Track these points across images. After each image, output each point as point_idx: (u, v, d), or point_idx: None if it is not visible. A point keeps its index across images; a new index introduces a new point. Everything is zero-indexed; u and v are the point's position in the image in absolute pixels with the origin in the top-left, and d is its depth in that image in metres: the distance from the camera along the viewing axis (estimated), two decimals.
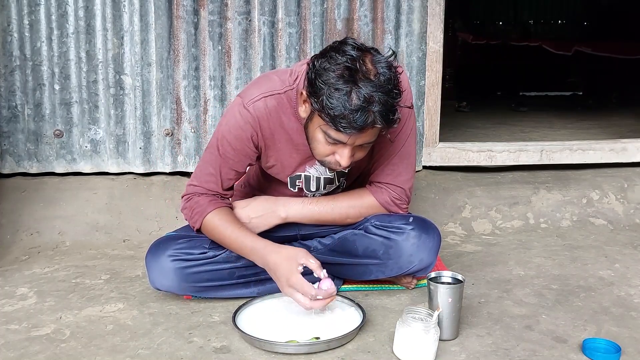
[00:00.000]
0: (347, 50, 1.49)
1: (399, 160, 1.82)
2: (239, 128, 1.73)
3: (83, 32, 2.59)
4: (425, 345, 1.49)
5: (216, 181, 1.80)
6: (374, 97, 1.45)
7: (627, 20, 7.12)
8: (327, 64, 1.48)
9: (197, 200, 1.80)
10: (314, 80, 1.50)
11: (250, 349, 1.57)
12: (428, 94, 2.81)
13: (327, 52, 1.52)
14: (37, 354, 1.55)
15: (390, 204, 1.86)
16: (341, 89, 1.45)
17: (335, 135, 1.52)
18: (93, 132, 2.67)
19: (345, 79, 1.45)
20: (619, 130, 3.99)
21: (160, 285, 1.81)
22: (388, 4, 2.72)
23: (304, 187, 1.88)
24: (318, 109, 1.50)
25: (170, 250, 1.80)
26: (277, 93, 1.71)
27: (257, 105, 1.71)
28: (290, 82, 1.71)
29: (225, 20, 2.65)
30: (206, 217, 1.78)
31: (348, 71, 1.46)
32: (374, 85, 1.46)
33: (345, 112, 1.45)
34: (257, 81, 1.79)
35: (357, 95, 1.45)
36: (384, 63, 1.50)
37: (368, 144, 1.58)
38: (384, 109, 1.47)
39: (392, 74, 1.50)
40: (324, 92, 1.47)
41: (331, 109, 1.46)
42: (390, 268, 1.83)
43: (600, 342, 1.57)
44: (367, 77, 1.46)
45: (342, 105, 1.45)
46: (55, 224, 2.49)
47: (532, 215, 2.73)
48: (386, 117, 1.48)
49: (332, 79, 1.46)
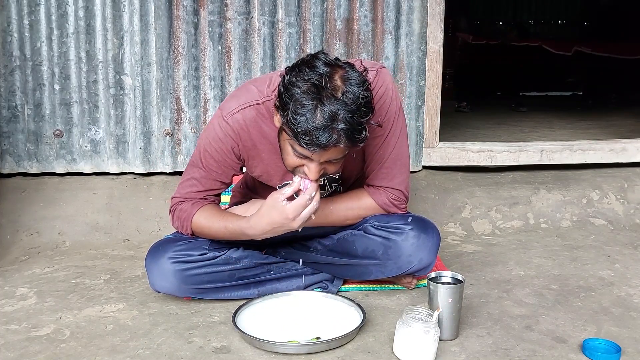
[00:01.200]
0: (317, 65, 1.46)
1: (392, 163, 1.81)
2: (219, 140, 1.73)
3: (83, 32, 2.59)
4: (425, 345, 1.49)
5: (198, 191, 1.81)
6: (338, 115, 1.43)
7: (627, 20, 7.13)
8: (295, 79, 1.46)
9: (181, 208, 1.82)
10: (281, 94, 1.49)
11: (250, 349, 1.57)
12: (428, 94, 2.81)
13: (298, 65, 1.49)
14: (37, 354, 1.55)
15: (389, 205, 1.86)
16: (306, 105, 1.43)
17: (300, 150, 1.51)
18: (93, 132, 2.67)
19: (311, 96, 1.43)
20: (619, 130, 3.99)
21: (160, 287, 1.81)
22: (388, 4, 2.72)
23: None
24: (284, 123, 1.49)
25: (170, 252, 1.79)
26: (255, 103, 1.70)
27: (235, 118, 1.70)
28: (268, 92, 1.69)
29: (225, 20, 2.65)
30: (192, 220, 1.79)
31: (314, 88, 1.43)
32: (339, 103, 1.43)
33: (308, 129, 1.42)
34: (235, 93, 1.78)
35: (322, 113, 1.42)
36: (355, 80, 1.46)
37: (337, 160, 1.57)
38: (349, 127, 1.44)
39: (361, 91, 1.45)
40: (289, 107, 1.45)
41: (294, 125, 1.44)
42: (390, 268, 1.83)
43: (600, 342, 1.57)
44: (334, 95, 1.43)
45: (306, 122, 1.42)
46: (55, 224, 2.49)
47: (532, 215, 2.73)
48: (351, 136, 1.45)
49: (298, 95, 1.44)
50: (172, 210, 1.85)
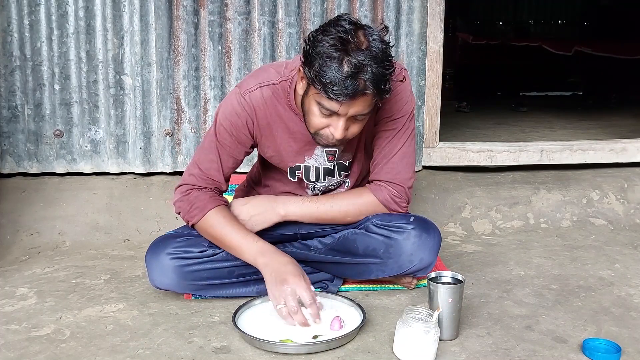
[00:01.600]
0: (341, 23, 1.53)
1: (399, 159, 1.83)
2: (235, 114, 1.77)
3: (83, 32, 2.59)
4: (425, 345, 1.49)
5: (218, 168, 1.82)
6: (365, 66, 1.49)
7: (627, 20, 7.12)
8: (322, 36, 1.53)
9: (198, 195, 1.81)
10: (308, 51, 1.55)
11: (250, 349, 1.57)
12: (428, 94, 2.81)
13: (322, 26, 1.57)
14: (37, 354, 1.55)
15: (389, 201, 1.86)
16: (333, 57, 1.49)
17: (327, 104, 1.54)
18: (93, 132, 2.67)
19: (338, 48, 1.49)
20: (619, 130, 3.99)
21: (160, 284, 1.81)
22: (388, 4, 2.72)
23: (304, 177, 1.89)
24: (311, 78, 1.53)
25: (170, 248, 1.80)
26: (272, 83, 1.76)
27: (253, 95, 1.76)
28: (285, 73, 1.76)
29: (225, 20, 2.65)
30: (207, 214, 1.79)
31: (340, 41, 1.50)
32: (365, 55, 1.49)
33: (336, 79, 1.48)
34: (254, 73, 1.84)
35: (349, 63, 1.48)
36: (377, 36, 1.54)
37: (362, 115, 1.59)
38: (375, 77, 1.50)
39: (384, 46, 1.53)
40: (316, 61, 1.51)
41: (323, 77, 1.49)
42: (391, 267, 1.83)
43: (600, 342, 1.57)
44: (359, 48, 1.50)
45: (334, 72, 1.48)
46: (55, 224, 2.49)
47: (532, 215, 2.73)
48: (377, 85, 1.51)
49: (325, 49, 1.50)
50: (187, 191, 1.83)
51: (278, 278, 1.67)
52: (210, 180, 1.82)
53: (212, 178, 1.82)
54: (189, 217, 1.82)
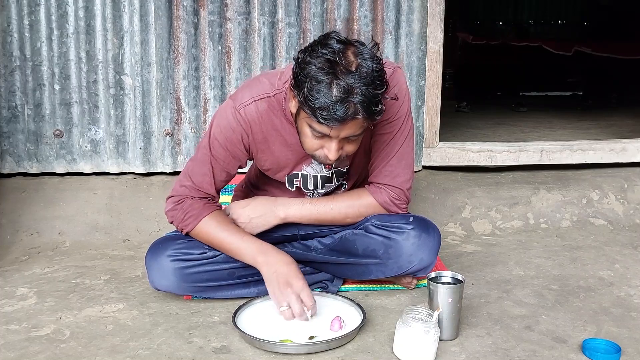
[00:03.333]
0: (329, 43, 1.50)
1: (397, 161, 1.82)
2: (230, 129, 1.75)
3: (83, 32, 2.59)
4: (425, 345, 1.49)
5: (210, 182, 1.80)
6: (354, 89, 1.46)
7: (627, 20, 7.12)
8: (309, 57, 1.49)
9: (192, 204, 1.81)
10: (297, 74, 1.52)
11: (250, 349, 1.57)
12: (428, 94, 2.81)
13: (311, 46, 1.53)
14: (37, 354, 1.55)
15: (389, 204, 1.86)
16: (322, 81, 1.46)
17: (318, 127, 1.53)
18: (93, 132, 2.67)
19: (326, 71, 1.46)
20: (619, 130, 3.99)
21: (160, 286, 1.81)
22: (388, 4, 2.72)
23: (302, 185, 1.89)
24: (301, 102, 1.51)
25: (170, 250, 1.80)
26: (267, 96, 1.73)
27: (248, 109, 1.73)
28: (279, 85, 1.73)
29: (225, 20, 2.65)
30: (202, 221, 1.78)
31: (329, 63, 1.46)
32: (354, 76, 1.46)
33: (325, 104, 1.45)
34: (248, 84, 1.80)
35: (338, 87, 1.45)
36: (367, 55, 1.50)
37: (355, 136, 1.58)
38: (365, 100, 1.47)
39: (374, 65, 1.49)
40: (305, 85, 1.48)
41: (312, 101, 1.47)
42: (390, 268, 1.83)
43: (600, 343, 1.57)
44: (348, 69, 1.46)
45: (323, 97, 1.45)
46: (55, 224, 2.49)
47: (532, 215, 2.73)
48: (368, 108, 1.48)
49: (313, 72, 1.47)
50: (179, 200, 1.83)
51: (281, 279, 1.67)
52: (203, 192, 1.82)
53: (204, 191, 1.81)
54: (183, 225, 1.81)
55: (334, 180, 1.90)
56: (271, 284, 1.69)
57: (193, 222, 1.79)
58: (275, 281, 1.68)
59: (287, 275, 1.68)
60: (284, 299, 1.66)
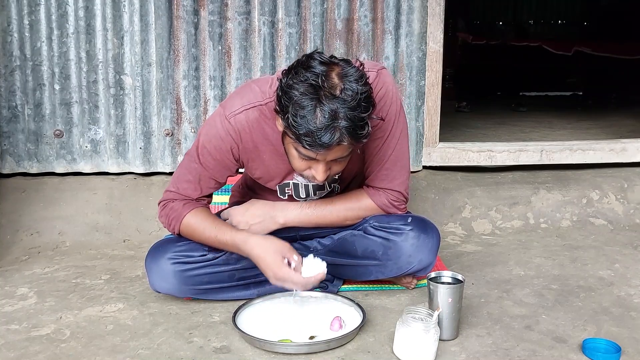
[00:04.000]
0: (312, 65, 1.45)
1: (392, 164, 1.80)
2: (220, 139, 1.72)
3: (83, 32, 2.59)
4: (425, 345, 1.49)
5: (194, 188, 1.79)
6: (339, 114, 1.42)
7: (627, 20, 7.12)
8: (292, 81, 1.45)
9: (172, 206, 1.80)
10: (280, 98, 1.48)
11: (250, 349, 1.57)
12: (428, 94, 2.81)
13: (294, 67, 1.49)
14: (37, 354, 1.55)
15: (388, 206, 1.86)
16: (305, 107, 1.42)
17: (304, 152, 1.51)
18: (93, 132, 2.67)
19: (310, 97, 1.42)
20: (619, 130, 3.99)
21: (160, 288, 1.81)
22: (388, 4, 2.72)
23: (294, 194, 1.88)
24: (285, 126, 1.49)
25: (170, 252, 1.79)
26: (258, 104, 1.69)
27: (238, 118, 1.70)
28: (270, 93, 1.68)
29: (225, 20, 2.65)
30: (183, 221, 1.78)
31: (312, 88, 1.42)
32: (339, 101, 1.42)
33: (310, 131, 1.42)
34: (239, 92, 1.77)
35: (322, 113, 1.41)
36: (352, 76, 1.45)
37: (342, 158, 1.57)
38: (351, 124, 1.43)
39: (359, 87, 1.44)
40: (289, 110, 1.44)
41: (296, 128, 1.43)
42: (390, 269, 1.83)
43: (600, 342, 1.57)
44: (332, 94, 1.42)
45: (307, 123, 1.42)
46: (55, 224, 2.49)
47: (532, 215, 2.73)
48: (353, 133, 1.45)
49: (296, 97, 1.43)
50: (163, 204, 1.84)
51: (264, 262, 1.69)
52: (186, 197, 1.81)
53: (188, 197, 1.81)
54: (171, 229, 1.82)
55: (326, 187, 1.89)
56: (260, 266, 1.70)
57: (176, 223, 1.80)
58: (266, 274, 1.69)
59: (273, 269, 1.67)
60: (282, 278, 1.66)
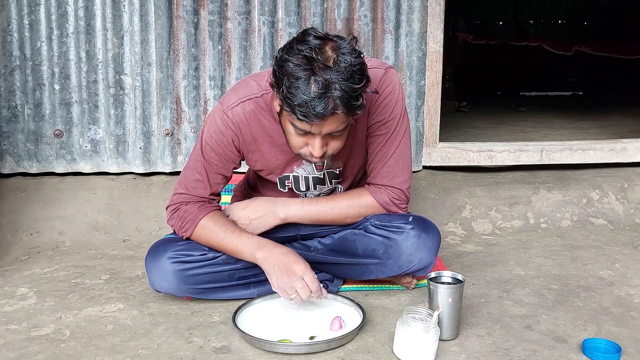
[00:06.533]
0: (307, 39, 1.49)
1: (395, 162, 1.82)
2: (220, 133, 1.75)
3: (83, 32, 2.59)
4: (425, 345, 1.49)
5: (204, 187, 1.81)
6: (332, 84, 1.45)
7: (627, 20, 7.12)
8: (287, 55, 1.49)
9: (187, 209, 1.81)
10: (275, 72, 1.52)
11: (250, 349, 1.57)
12: (428, 94, 2.81)
13: (289, 43, 1.53)
14: (37, 354, 1.55)
15: (389, 204, 1.86)
16: (299, 78, 1.45)
17: (299, 125, 1.53)
18: (93, 132, 2.67)
19: (303, 68, 1.46)
20: (619, 130, 3.99)
21: (160, 287, 1.81)
22: (388, 4, 2.72)
23: (294, 187, 1.88)
24: (281, 99, 1.51)
25: (170, 252, 1.79)
26: (254, 96, 1.73)
27: (235, 111, 1.73)
28: (266, 85, 1.71)
29: (225, 20, 2.65)
30: (199, 224, 1.79)
31: (306, 60, 1.46)
32: (332, 72, 1.45)
33: (304, 101, 1.45)
34: (235, 87, 1.81)
35: (316, 83, 1.45)
36: (345, 49, 1.49)
37: (338, 132, 1.57)
38: (345, 94, 1.46)
39: (353, 59, 1.48)
40: (284, 83, 1.48)
41: (291, 99, 1.47)
42: (390, 267, 1.83)
43: (600, 342, 1.57)
44: (326, 65, 1.46)
45: (301, 93, 1.45)
46: (55, 224, 2.49)
47: (532, 215, 2.73)
48: (347, 103, 1.47)
49: (291, 69, 1.47)
50: (174, 208, 1.84)
51: (282, 269, 1.67)
52: (197, 197, 1.82)
53: (200, 196, 1.82)
54: (183, 231, 1.82)
55: (327, 182, 1.90)
56: (273, 277, 1.69)
57: (191, 226, 1.80)
58: (277, 273, 1.68)
59: (287, 264, 1.68)
60: (289, 287, 1.65)
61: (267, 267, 1.71)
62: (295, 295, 1.65)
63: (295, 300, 1.66)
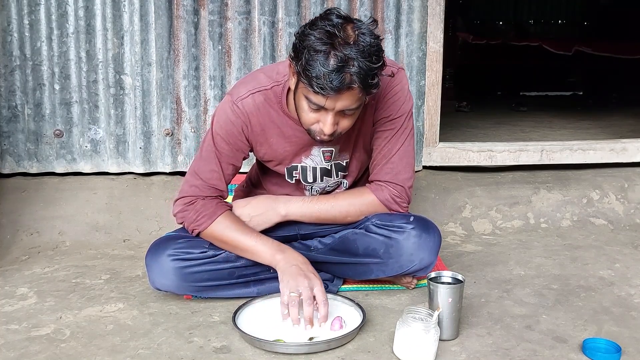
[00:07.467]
0: (330, 17, 1.53)
1: (399, 159, 1.83)
2: (230, 123, 1.77)
3: (83, 32, 2.59)
4: (425, 345, 1.49)
5: (219, 177, 1.82)
6: (351, 60, 1.48)
7: (627, 20, 7.12)
8: (309, 30, 1.53)
9: (204, 204, 1.81)
10: (296, 45, 1.55)
11: (250, 349, 1.57)
12: (428, 94, 2.81)
13: (312, 20, 1.57)
14: (37, 354, 1.55)
15: (390, 201, 1.86)
16: (319, 51, 1.49)
17: (314, 98, 1.54)
18: (93, 132, 2.67)
19: (324, 42, 1.49)
20: (619, 130, 3.99)
21: (160, 285, 1.81)
22: (388, 4, 2.72)
23: (301, 178, 1.89)
24: (298, 72, 1.54)
25: (170, 249, 1.80)
26: (264, 89, 1.76)
27: (245, 102, 1.76)
28: (277, 78, 1.76)
29: (225, 20, 2.65)
30: (217, 219, 1.79)
31: (327, 35, 1.50)
32: (352, 48, 1.49)
33: (322, 73, 1.48)
34: (244, 80, 1.83)
35: (335, 57, 1.48)
36: (366, 30, 1.53)
37: (351, 110, 1.59)
38: (362, 71, 1.49)
39: (372, 40, 1.52)
40: (303, 55, 1.51)
41: (309, 70, 1.49)
42: (391, 267, 1.83)
43: (600, 342, 1.57)
44: (346, 41, 1.49)
45: (320, 66, 1.48)
46: (55, 224, 2.49)
47: (533, 215, 2.73)
48: (364, 79, 1.50)
49: (312, 42, 1.50)
50: (190, 200, 1.82)
51: (299, 271, 1.67)
52: (214, 189, 1.83)
53: (215, 187, 1.82)
54: (196, 225, 1.81)
55: (333, 174, 1.90)
56: (287, 273, 1.67)
57: (207, 221, 1.79)
58: (292, 272, 1.67)
59: (304, 270, 1.69)
60: (296, 285, 1.64)
61: (284, 266, 1.70)
62: (295, 295, 1.64)
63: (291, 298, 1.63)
